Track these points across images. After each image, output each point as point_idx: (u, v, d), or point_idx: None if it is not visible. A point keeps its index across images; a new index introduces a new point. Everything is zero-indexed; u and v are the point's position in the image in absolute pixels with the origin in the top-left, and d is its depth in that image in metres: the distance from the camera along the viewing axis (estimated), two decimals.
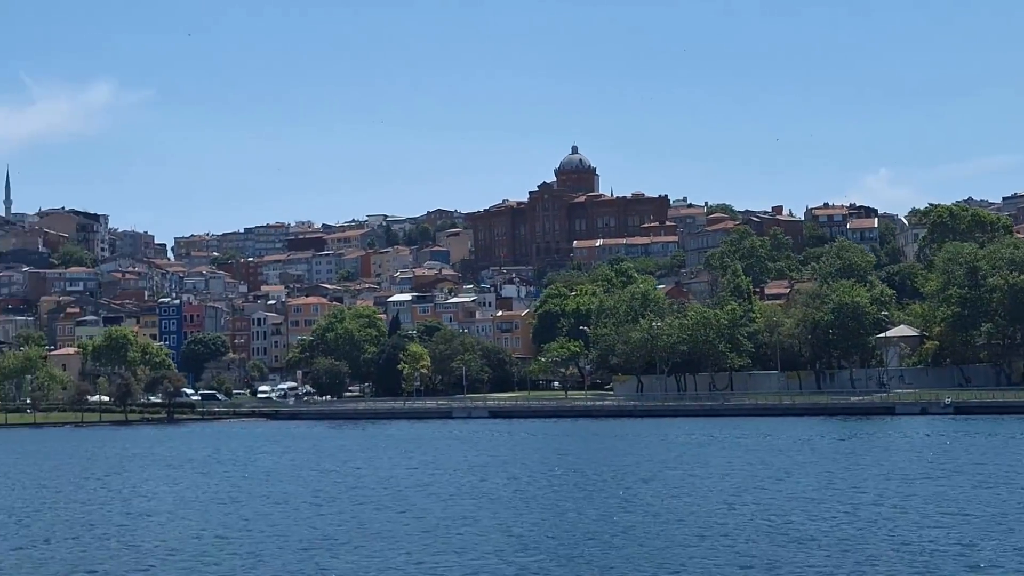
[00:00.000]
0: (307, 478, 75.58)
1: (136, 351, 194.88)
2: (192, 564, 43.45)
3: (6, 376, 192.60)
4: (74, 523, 55.88)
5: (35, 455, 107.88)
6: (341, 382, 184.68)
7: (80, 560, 45.13)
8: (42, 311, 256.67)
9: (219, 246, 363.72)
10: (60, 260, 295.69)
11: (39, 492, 71.81)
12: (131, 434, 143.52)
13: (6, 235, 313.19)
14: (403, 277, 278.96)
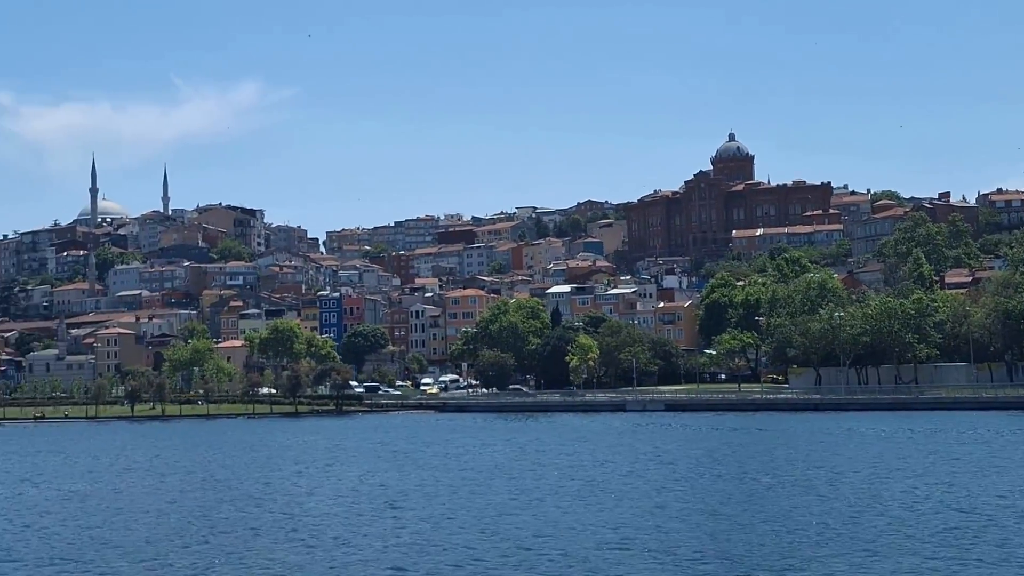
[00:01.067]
0: (541, 472, 73.39)
1: (302, 343, 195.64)
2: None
3: (176, 368, 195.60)
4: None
5: (239, 446, 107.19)
6: (507, 374, 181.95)
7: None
8: (204, 305, 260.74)
9: (370, 240, 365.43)
10: (219, 255, 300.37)
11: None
12: (311, 425, 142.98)
13: (167, 231, 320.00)
14: (556, 269, 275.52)
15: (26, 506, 62.89)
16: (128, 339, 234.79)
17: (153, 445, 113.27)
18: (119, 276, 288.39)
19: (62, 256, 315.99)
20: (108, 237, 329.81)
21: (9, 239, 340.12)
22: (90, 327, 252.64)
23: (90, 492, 68.84)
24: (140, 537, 49.94)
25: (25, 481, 77.45)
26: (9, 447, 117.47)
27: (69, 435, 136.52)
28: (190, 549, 46.38)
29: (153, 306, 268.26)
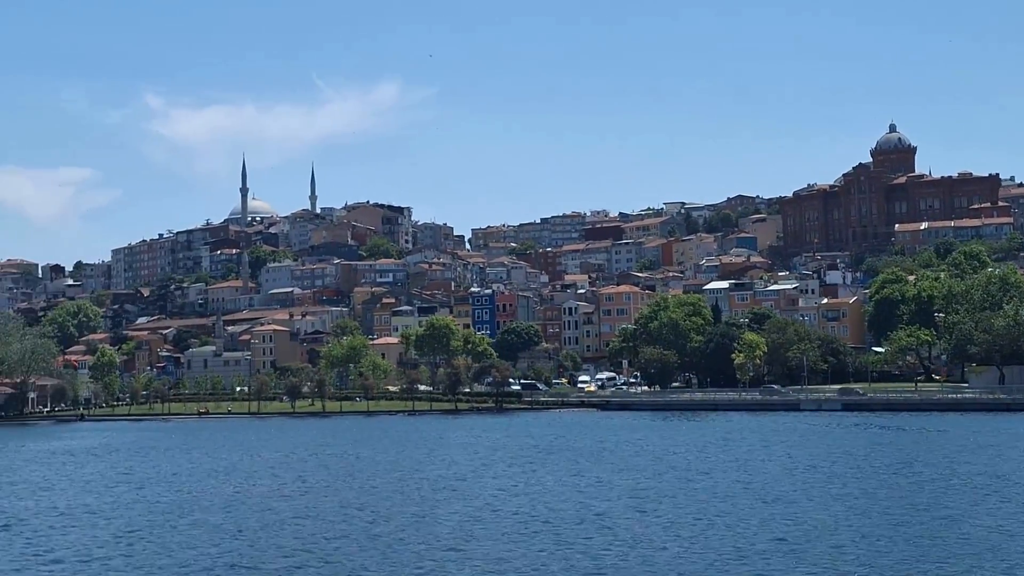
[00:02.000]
0: (757, 471, 69.41)
1: (458, 340, 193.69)
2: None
3: (333, 365, 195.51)
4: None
5: (425, 443, 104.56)
6: (670, 372, 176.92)
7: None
8: (356, 301, 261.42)
9: (516, 237, 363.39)
10: (368, 252, 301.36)
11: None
12: (478, 423, 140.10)
13: (317, 229, 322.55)
14: (709, 265, 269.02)
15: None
16: (283, 336, 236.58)
17: (340, 440, 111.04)
18: (271, 274, 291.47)
19: (216, 254, 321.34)
20: (259, 235, 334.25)
21: (164, 238, 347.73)
22: (245, 324, 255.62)
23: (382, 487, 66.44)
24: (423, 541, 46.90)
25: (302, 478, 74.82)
26: (213, 440, 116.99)
27: (252, 430, 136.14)
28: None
29: (305, 303, 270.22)
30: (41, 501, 63.50)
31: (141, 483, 72.52)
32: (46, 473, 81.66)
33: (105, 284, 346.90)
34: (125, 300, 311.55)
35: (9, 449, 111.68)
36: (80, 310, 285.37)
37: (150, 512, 57.38)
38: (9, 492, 68.99)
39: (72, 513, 57.75)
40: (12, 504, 62.34)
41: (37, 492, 68.64)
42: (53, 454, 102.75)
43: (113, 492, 67.53)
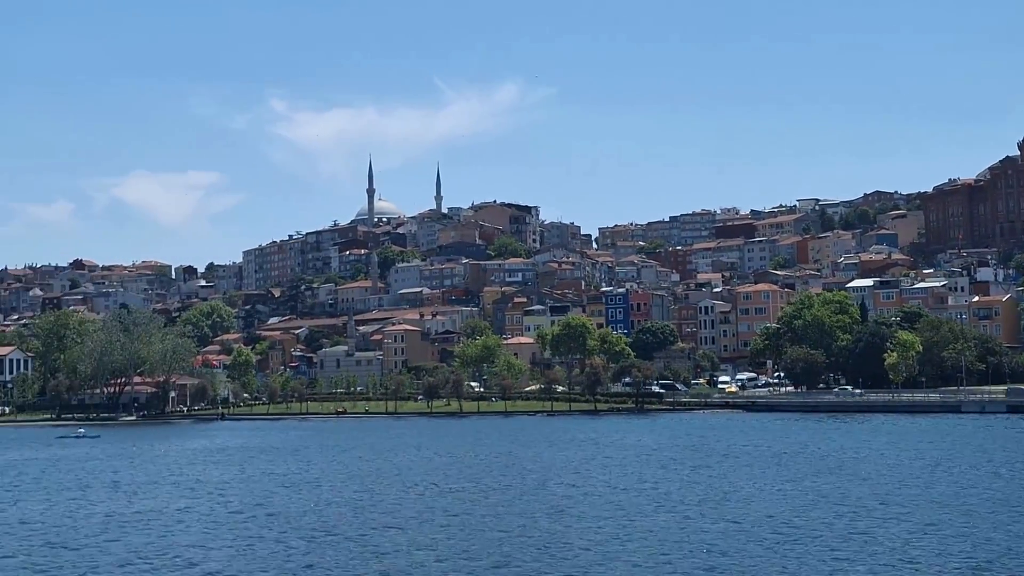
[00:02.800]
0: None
1: (595, 340, 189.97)
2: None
3: (466, 364, 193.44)
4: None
5: (585, 444, 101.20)
6: (817, 372, 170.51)
7: None
8: (486, 301, 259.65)
9: (644, 235, 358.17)
10: (496, 252, 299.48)
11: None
12: (624, 424, 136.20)
13: (445, 229, 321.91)
14: (848, 263, 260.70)
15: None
16: (414, 336, 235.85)
17: (497, 440, 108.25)
18: (400, 274, 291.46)
19: (344, 255, 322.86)
20: (387, 236, 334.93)
21: (294, 239, 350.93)
22: (376, 324, 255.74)
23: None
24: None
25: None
26: (372, 440, 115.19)
27: (399, 430, 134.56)
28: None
29: (434, 303, 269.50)
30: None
31: (359, 483, 69.80)
32: (242, 471, 79.98)
33: (236, 285, 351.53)
34: (256, 300, 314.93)
35: (173, 447, 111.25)
36: (214, 311, 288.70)
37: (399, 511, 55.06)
38: (260, 490, 67.15)
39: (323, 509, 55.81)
40: (282, 501, 60.40)
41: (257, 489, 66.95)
42: (223, 451, 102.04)
43: (333, 492, 65.15)
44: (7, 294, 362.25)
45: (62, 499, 63.53)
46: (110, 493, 66.43)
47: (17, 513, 57.55)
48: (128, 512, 56.94)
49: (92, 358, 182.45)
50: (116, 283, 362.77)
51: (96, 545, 46.75)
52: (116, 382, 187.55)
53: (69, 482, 73.93)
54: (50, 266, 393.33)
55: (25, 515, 56.63)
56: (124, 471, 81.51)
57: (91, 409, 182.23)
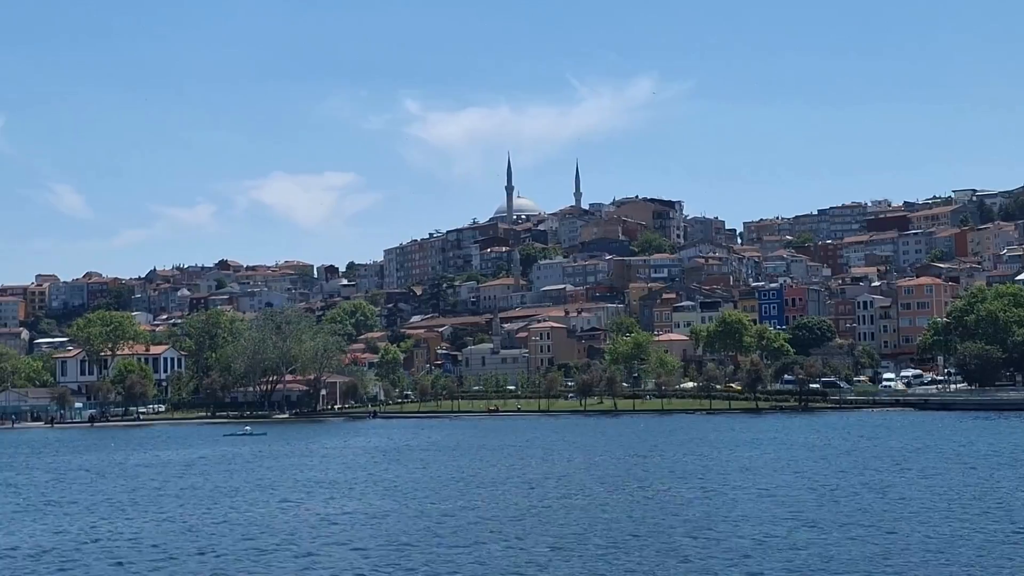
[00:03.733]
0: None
1: (751, 336, 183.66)
2: None
3: (616, 362, 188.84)
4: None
5: (799, 447, 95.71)
6: (993, 368, 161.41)
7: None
8: (631, 297, 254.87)
9: (791, 229, 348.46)
10: (640, 247, 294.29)
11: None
12: (791, 423, 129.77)
13: (587, 225, 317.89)
14: (1011, 255, 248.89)
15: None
16: (560, 333, 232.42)
17: (673, 438, 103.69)
18: (543, 271, 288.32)
19: (486, 253, 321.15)
20: (528, 233, 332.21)
21: (434, 237, 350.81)
22: (519, 321, 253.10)
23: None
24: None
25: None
26: (539, 438, 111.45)
27: (558, 428, 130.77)
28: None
29: (578, 300, 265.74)
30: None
31: (559, 483, 65.96)
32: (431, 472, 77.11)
33: (378, 283, 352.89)
34: (399, 299, 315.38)
35: (341, 445, 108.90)
36: (357, 309, 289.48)
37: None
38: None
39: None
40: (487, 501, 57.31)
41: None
42: (393, 449, 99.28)
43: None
44: (156, 294, 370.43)
45: (272, 499, 60.51)
46: (313, 492, 63.34)
47: (251, 516, 54.14)
48: (344, 512, 53.84)
49: (245, 356, 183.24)
50: (260, 283, 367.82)
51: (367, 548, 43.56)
52: (268, 380, 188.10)
53: (265, 481, 70.99)
54: (197, 267, 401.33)
55: (257, 517, 53.42)
56: (309, 470, 78.74)
57: (244, 407, 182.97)
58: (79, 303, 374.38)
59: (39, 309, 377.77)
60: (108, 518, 54.07)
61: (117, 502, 60.82)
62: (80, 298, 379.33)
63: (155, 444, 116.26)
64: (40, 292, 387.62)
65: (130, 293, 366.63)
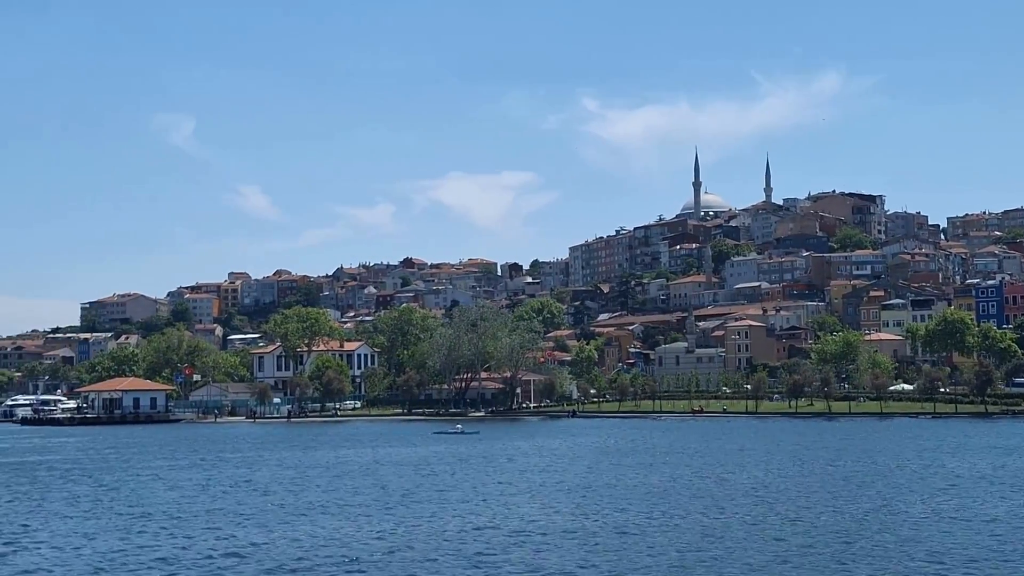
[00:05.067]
0: None
1: (974, 336, 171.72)
2: None
3: (825, 362, 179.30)
4: None
5: None
6: None
7: None
8: (833, 295, 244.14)
9: (999, 224, 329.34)
10: (839, 243, 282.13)
11: None
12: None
13: (782, 221, 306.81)
14: None
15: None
16: (758, 332, 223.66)
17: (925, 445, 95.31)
18: (736, 268, 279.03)
19: (674, 250, 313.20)
20: (719, 229, 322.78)
21: (621, 234, 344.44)
22: (714, 320, 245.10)
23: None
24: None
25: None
26: (778, 443, 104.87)
27: (772, 431, 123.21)
28: None
29: (774, 298, 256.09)
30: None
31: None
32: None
33: (563, 281, 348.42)
34: (585, 297, 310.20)
35: (560, 445, 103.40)
36: (544, 307, 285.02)
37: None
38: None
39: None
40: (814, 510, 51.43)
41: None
42: (617, 451, 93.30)
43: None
44: (344, 292, 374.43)
45: (565, 503, 55.10)
46: (585, 496, 57.86)
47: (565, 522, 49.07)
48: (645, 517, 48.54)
49: (441, 353, 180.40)
50: (445, 280, 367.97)
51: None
52: (463, 378, 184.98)
53: (518, 482, 65.58)
54: (382, 264, 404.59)
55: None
56: (552, 471, 73.20)
57: (439, 405, 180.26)
58: (270, 300, 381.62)
59: (232, 306, 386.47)
60: (403, 519, 49.54)
61: (390, 502, 56.23)
62: (271, 295, 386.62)
63: (367, 441, 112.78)
64: (232, 289, 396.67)
65: (318, 290, 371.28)
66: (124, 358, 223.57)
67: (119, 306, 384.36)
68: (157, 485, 67.56)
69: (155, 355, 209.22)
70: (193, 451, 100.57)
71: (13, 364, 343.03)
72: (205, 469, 79.11)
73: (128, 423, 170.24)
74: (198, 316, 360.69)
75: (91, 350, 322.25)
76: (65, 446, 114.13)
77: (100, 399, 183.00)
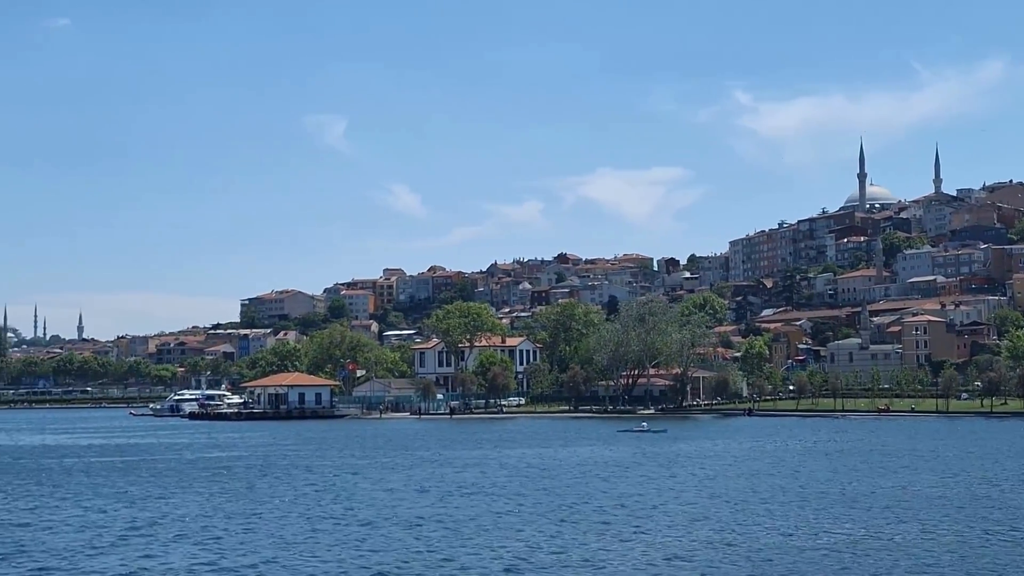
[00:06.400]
0: None
1: None
2: None
3: (1017, 358, 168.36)
4: None
5: None
6: None
7: None
8: (1016, 289, 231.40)
9: None
10: (1018, 235, 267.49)
11: None
12: None
13: (956, 212, 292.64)
14: None
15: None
16: (937, 327, 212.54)
17: None
18: (908, 261, 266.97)
19: (841, 243, 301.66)
20: (888, 222, 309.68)
21: (783, 228, 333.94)
22: (887, 315, 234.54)
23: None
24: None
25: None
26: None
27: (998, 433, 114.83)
28: None
29: (951, 292, 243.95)
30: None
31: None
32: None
33: (723, 276, 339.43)
34: (748, 292, 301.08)
35: (762, 446, 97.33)
36: (706, 302, 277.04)
37: None
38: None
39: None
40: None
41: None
42: (839, 452, 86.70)
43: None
44: (498, 288, 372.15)
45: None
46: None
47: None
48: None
49: (608, 349, 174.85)
50: (600, 276, 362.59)
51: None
52: (630, 374, 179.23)
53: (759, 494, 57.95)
54: (536, 260, 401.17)
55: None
56: (783, 474, 67.11)
57: (605, 401, 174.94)
58: (424, 296, 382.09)
59: (387, 302, 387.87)
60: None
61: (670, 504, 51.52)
62: (426, 291, 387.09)
63: (552, 439, 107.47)
64: (388, 286, 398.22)
65: (473, 286, 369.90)
66: (286, 353, 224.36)
67: (277, 303, 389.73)
68: (386, 486, 62.72)
69: (317, 350, 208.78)
70: (376, 448, 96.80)
71: (176, 359, 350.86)
72: (412, 469, 74.12)
73: (294, 418, 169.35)
74: (354, 312, 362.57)
75: (251, 346, 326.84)
76: (243, 442, 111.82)
77: (265, 394, 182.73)
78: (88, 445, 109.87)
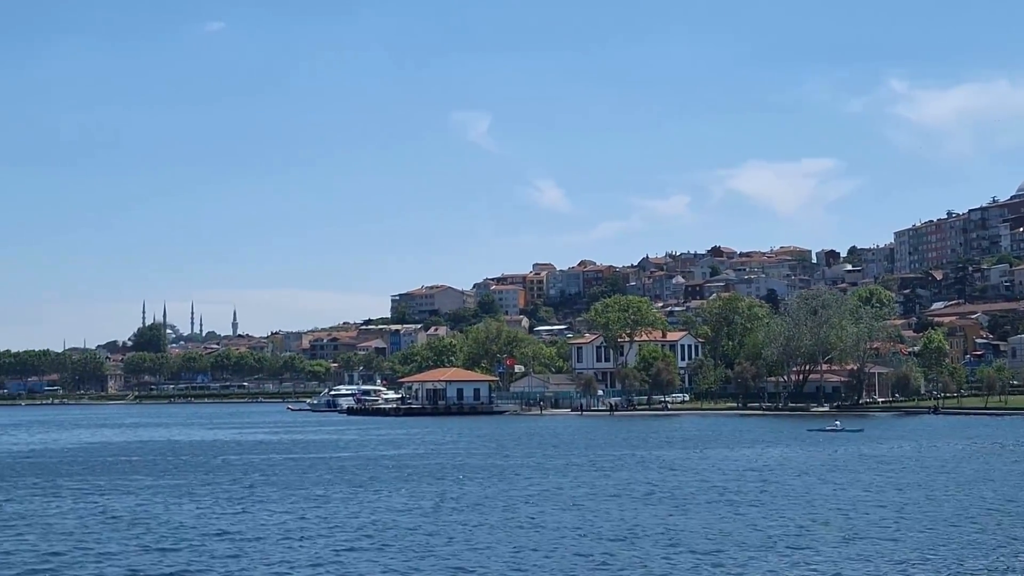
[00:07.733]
0: None
1: None
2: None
3: None
4: None
5: None
6: None
7: None
8: None
9: None
10: None
11: None
12: None
13: None
14: None
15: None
16: None
17: None
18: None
19: (1017, 232, 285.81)
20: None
21: (953, 217, 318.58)
22: None
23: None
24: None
25: None
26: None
27: None
28: None
29: None
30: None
31: None
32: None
33: (887, 268, 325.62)
34: (916, 284, 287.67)
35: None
36: (872, 295, 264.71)
37: None
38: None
39: None
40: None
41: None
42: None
43: None
44: (651, 282, 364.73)
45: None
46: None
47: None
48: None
49: (778, 343, 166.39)
50: (756, 269, 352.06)
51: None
52: (801, 369, 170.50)
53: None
54: (688, 254, 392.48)
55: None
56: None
57: (775, 398, 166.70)
58: (575, 291, 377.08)
59: (537, 297, 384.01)
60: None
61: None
62: (576, 286, 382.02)
63: (738, 439, 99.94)
64: (538, 280, 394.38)
65: (624, 281, 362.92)
66: (442, 348, 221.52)
67: (427, 298, 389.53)
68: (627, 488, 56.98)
69: (473, 345, 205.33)
70: (554, 447, 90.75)
71: (329, 355, 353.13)
72: (617, 471, 66.48)
73: (452, 414, 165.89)
74: (504, 307, 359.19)
75: (401, 341, 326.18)
76: (413, 439, 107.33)
77: (423, 389, 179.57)
78: (260, 441, 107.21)
